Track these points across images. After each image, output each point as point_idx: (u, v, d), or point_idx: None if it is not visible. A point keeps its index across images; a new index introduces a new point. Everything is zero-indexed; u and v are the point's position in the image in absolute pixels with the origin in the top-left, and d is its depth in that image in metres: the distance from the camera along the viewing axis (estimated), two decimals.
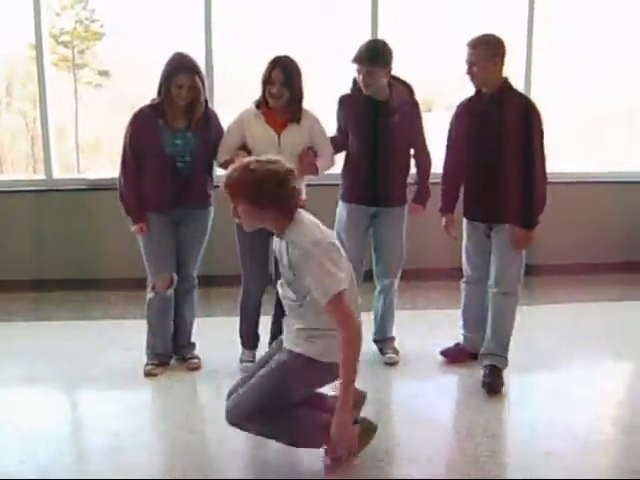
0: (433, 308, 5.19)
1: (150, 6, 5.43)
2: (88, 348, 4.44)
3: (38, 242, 5.47)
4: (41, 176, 5.64)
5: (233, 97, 5.20)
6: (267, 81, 3.83)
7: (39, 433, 3.39)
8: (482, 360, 4.01)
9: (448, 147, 4.04)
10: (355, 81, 4.01)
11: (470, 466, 3.15)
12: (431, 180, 4.20)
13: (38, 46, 5.39)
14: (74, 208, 5.43)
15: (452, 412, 3.82)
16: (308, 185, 4.09)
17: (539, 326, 4.89)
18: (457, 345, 4.25)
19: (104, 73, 6.23)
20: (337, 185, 4.24)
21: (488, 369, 3.94)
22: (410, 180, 4.22)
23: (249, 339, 4.19)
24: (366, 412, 3.32)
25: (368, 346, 4.29)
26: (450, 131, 4.03)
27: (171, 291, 3.99)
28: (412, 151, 4.15)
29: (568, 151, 6.69)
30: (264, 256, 3.97)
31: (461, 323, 4.25)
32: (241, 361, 4.16)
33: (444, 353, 4.23)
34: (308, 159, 3.92)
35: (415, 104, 4.13)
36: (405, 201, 4.18)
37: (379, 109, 3.98)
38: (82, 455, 3.31)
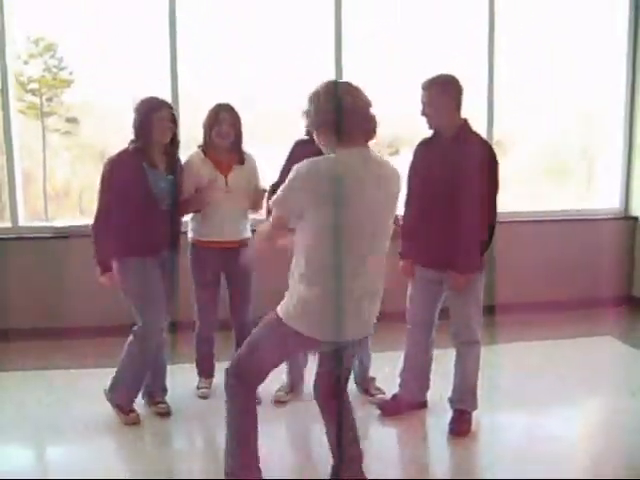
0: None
1: (118, 53, 5.45)
2: (55, 398, 4.34)
3: (3, 291, 5.36)
4: (7, 224, 5.57)
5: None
6: (214, 123, 4.01)
7: None
8: (451, 404, 3.99)
9: (408, 190, 3.91)
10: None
11: None
12: None
13: (4, 93, 5.40)
14: (40, 256, 5.37)
15: (424, 454, 3.79)
16: None
17: (505, 365, 4.90)
18: (394, 397, 4.15)
19: (72, 120, 6.21)
20: None
21: (457, 413, 3.93)
22: None
23: (204, 368, 4.39)
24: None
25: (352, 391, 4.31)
26: (410, 174, 3.91)
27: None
28: None
29: (529, 190, 6.79)
30: (215, 290, 4.21)
31: (401, 370, 4.14)
32: (198, 388, 4.36)
33: (381, 406, 4.13)
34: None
35: None
36: None
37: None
38: None
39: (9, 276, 5.36)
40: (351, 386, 4.26)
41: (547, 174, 6.93)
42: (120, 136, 3.81)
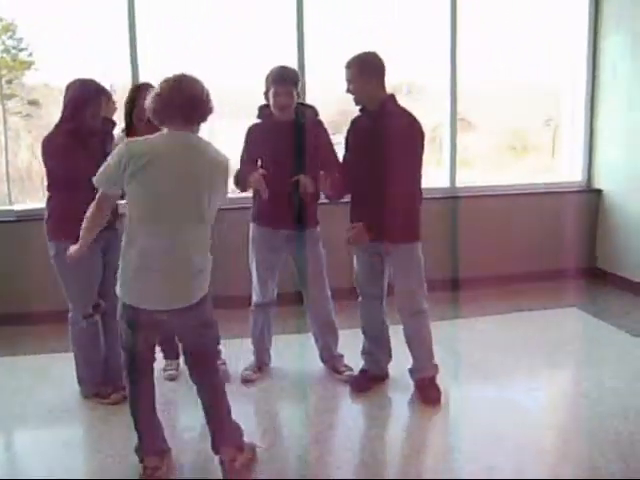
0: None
1: (78, 34, 5.36)
2: (19, 384, 4.31)
3: None
4: None
5: None
6: (133, 105, 4.02)
7: None
8: (413, 375, 4.06)
9: (345, 162, 4.03)
10: (262, 108, 4.11)
11: None
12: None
13: None
14: (3, 240, 5.31)
15: (391, 430, 3.83)
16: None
17: (470, 339, 4.97)
18: (362, 372, 4.22)
19: (34, 102, 6.12)
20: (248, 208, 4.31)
21: (424, 381, 4.01)
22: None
23: (169, 349, 4.35)
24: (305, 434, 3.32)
25: (308, 365, 4.40)
26: (345, 144, 4.05)
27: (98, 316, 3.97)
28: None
29: (494, 165, 6.87)
30: None
31: (363, 344, 4.22)
32: (164, 370, 4.35)
33: (351, 383, 4.17)
34: None
35: (320, 123, 4.18)
36: (318, 222, 4.21)
37: (288, 131, 4.03)
38: None
39: None
40: (319, 365, 4.34)
41: (511, 149, 6.99)
42: None
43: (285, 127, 4.04)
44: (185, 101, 2.92)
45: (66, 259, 3.27)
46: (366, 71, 3.77)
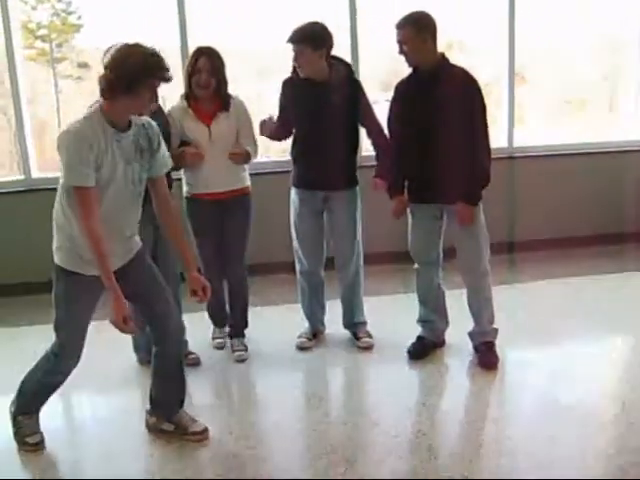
0: (393, 293, 5.04)
1: None
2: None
3: (11, 244, 5.33)
4: (20, 176, 5.50)
5: None
6: (193, 72, 3.84)
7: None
8: (473, 339, 4.02)
9: (390, 128, 3.94)
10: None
11: (474, 453, 3.12)
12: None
13: (8, 41, 5.23)
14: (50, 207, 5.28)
15: (449, 397, 3.77)
16: (258, 174, 4.19)
17: (530, 303, 4.87)
18: (420, 339, 4.14)
19: (84, 65, 6.11)
20: (288, 172, 4.23)
21: (483, 346, 3.96)
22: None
23: (217, 318, 4.35)
24: (362, 402, 3.37)
25: (342, 333, 4.35)
26: (390, 112, 3.92)
27: None
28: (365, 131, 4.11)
29: (549, 122, 6.65)
30: (215, 241, 4.08)
31: (419, 312, 4.15)
32: (213, 338, 4.36)
33: (408, 351, 4.10)
34: (239, 150, 3.96)
35: (355, 83, 4.08)
36: (356, 183, 4.12)
37: (319, 90, 3.91)
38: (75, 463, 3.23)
39: (23, 229, 5.30)
40: (342, 331, 4.34)
41: (567, 103, 6.73)
42: None
43: (316, 86, 3.92)
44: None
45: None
46: (421, 31, 3.65)
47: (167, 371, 3.27)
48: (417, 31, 3.64)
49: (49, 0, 5.91)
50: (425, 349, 4.09)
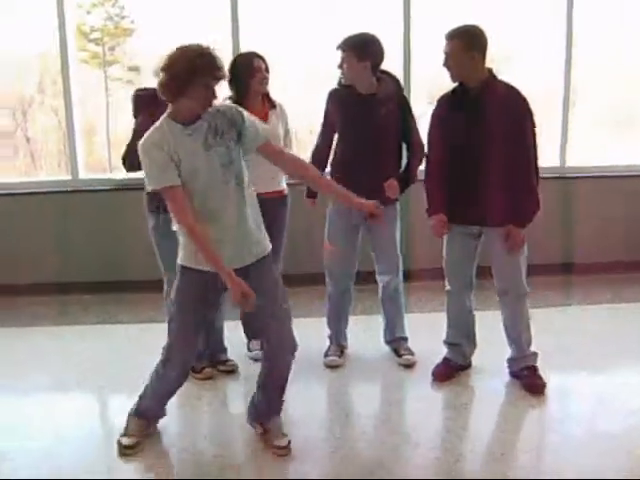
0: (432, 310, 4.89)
1: (179, 0, 5.33)
2: (116, 353, 4.35)
3: (63, 244, 5.35)
4: (67, 176, 5.55)
5: None
6: (253, 71, 3.85)
7: (66, 443, 3.32)
8: (513, 365, 3.90)
9: (430, 144, 3.80)
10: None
11: None
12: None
13: (62, 44, 5.32)
14: (100, 209, 5.34)
15: (491, 421, 3.63)
16: (293, 184, 4.07)
17: (577, 328, 4.70)
18: (446, 360, 4.01)
19: (135, 69, 6.16)
20: None
21: (525, 371, 3.83)
22: None
23: (252, 329, 4.23)
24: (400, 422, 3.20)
25: (382, 348, 4.26)
26: (431, 127, 3.78)
27: None
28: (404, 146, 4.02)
29: (596, 142, 6.43)
30: None
31: (447, 334, 4.01)
32: (249, 350, 4.25)
33: (433, 372, 3.97)
34: None
35: (402, 97, 4.00)
36: (397, 198, 4.01)
37: (364, 103, 3.84)
38: (111, 466, 3.18)
39: (69, 230, 5.35)
40: (383, 346, 4.27)
41: (615, 124, 6.53)
42: None
43: (362, 98, 3.85)
44: None
45: None
46: (469, 47, 3.51)
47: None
48: (465, 46, 3.51)
49: (103, 4, 5.97)
50: (450, 371, 3.97)
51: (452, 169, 3.69)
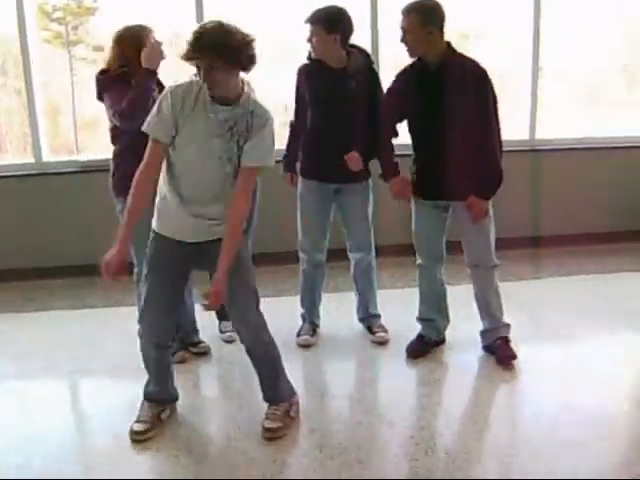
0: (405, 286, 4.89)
1: None
2: (85, 337, 4.30)
3: (25, 228, 5.26)
4: (31, 159, 5.43)
5: None
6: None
7: (35, 429, 3.28)
8: (486, 337, 3.91)
9: (383, 116, 3.76)
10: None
11: (490, 459, 3.02)
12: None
13: (21, 23, 5.19)
14: (65, 192, 5.24)
15: (465, 398, 3.64)
16: None
17: (549, 301, 4.74)
18: (420, 337, 4.01)
19: (99, 48, 6.04)
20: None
21: (498, 341, 3.84)
22: None
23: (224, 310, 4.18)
24: (375, 401, 3.26)
25: (355, 326, 4.26)
26: (385, 101, 3.77)
27: None
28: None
29: (571, 116, 6.41)
30: None
31: (419, 310, 4.01)
32: (221, 332, 4.23)
33: (407, 349, 3.97)
34: None
35: (372, 71, 3.97)
36: (369, 175, 4.00)
37: (335, 77, 3.81)
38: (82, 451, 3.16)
39: (32, 213, 5.26)
40: (356, 324, 4.27)
41: (588, 98, 6.54)
42: None
43: (332, 72, 3.83)
44: None
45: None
46: (427, 20, 3.45)
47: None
48: (422, 20, 3.45)
49: None
50: (425, 348, 3.98)
51: (416, 144, 3.69)
